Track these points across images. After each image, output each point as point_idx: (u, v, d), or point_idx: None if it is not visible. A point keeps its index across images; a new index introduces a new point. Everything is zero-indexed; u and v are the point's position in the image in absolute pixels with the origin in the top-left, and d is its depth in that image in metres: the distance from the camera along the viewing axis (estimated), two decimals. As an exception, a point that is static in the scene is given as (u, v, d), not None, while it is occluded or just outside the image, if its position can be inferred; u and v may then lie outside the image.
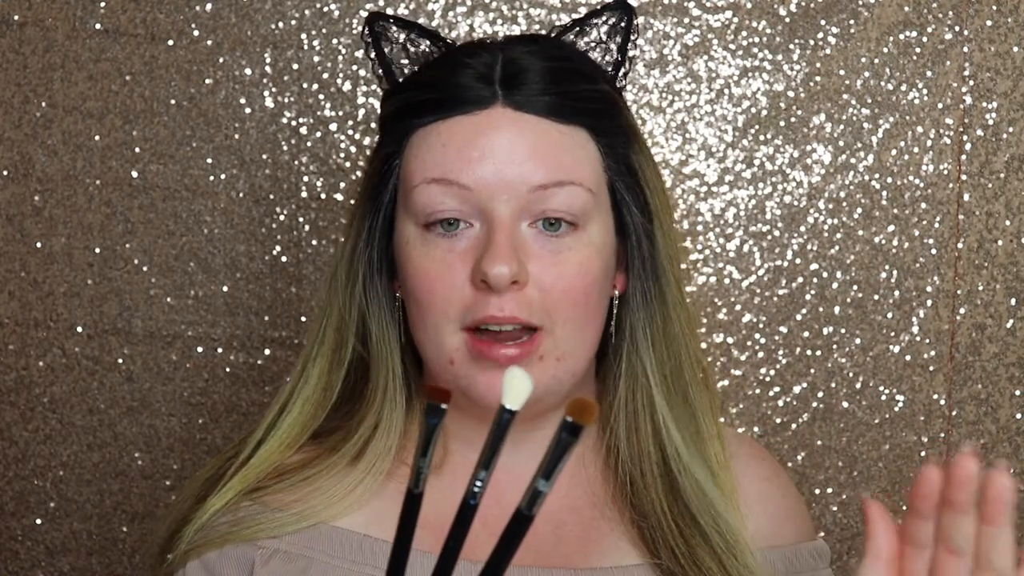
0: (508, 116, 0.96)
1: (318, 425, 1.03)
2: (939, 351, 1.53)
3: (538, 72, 0.97)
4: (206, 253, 1.52)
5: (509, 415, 0.61)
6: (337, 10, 1.51)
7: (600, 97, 1.01)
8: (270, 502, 0.99)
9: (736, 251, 1.53)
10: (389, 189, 1.00)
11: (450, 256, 0.95)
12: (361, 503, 0.99)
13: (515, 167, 0.94)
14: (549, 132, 0.96)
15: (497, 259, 0.92)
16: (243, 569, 0.96)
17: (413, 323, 0.99)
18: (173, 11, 1.51)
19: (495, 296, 0.92)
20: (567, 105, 0.97)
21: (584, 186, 0.96)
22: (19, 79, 1.51)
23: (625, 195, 1.00)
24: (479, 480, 0.61)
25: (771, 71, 1.52)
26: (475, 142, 0.95)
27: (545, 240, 0.95)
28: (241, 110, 1.51)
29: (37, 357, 1.53)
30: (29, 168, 1.52)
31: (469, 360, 0.95)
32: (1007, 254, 1.53)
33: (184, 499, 1.03)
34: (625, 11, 1.05)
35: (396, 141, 1.00)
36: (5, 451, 1.55)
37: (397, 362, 1.01)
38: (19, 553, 1.55)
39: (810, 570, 1.05)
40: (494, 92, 0.96)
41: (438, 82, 0.99)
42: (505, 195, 0.94)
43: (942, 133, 1.52)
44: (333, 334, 1.03)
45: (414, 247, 0.97)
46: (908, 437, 1.54)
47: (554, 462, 0.59)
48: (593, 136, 0.98)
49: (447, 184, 0.95)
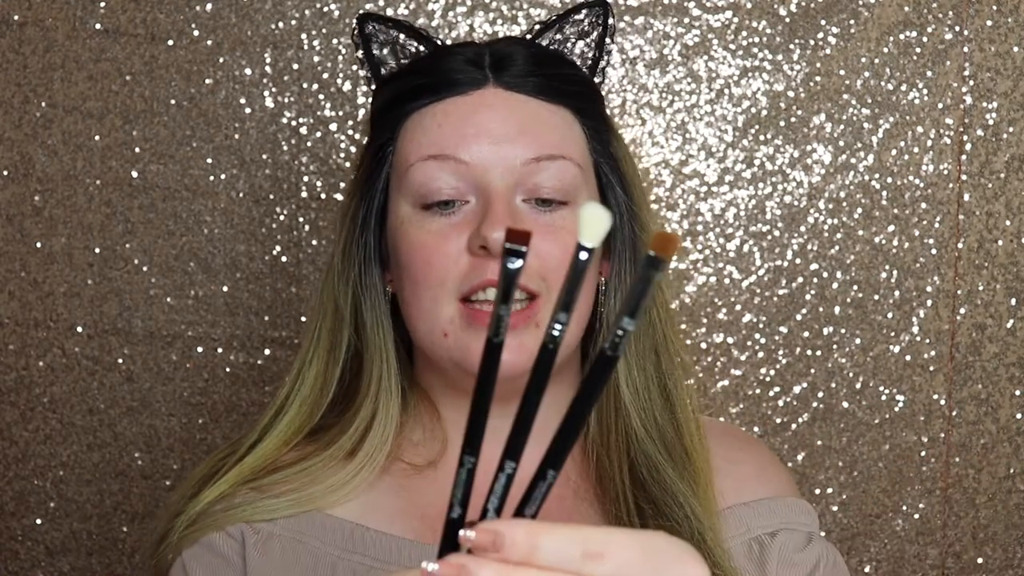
0: (500, 95, 0.99)
1: (314, 424, 1.03)
2: (939, 351, 1.53)
3: (524, 57, 1.01)
4: (206, 253, 1.52)
5: (587, 252, 0.58)
6: (337, 10, 1.51)
7: (583, 82, 1.05)
8: (266, 489, 0.99)
9: (736, 251, 1.53)
10: (382, 177, 1.02)
11: (446, 228, 0.97)
12: (356, 494, 1.00)
13: (509, 142, 0.98)
14: (539, 110, 1.00)
15: (496, 223, 0.94)
16: (237, 548, 0.97)
17: (407, 303, 1.00)
18: (173, 11, 1.51)
19: (493, 261, 0.94)
20: (553, 86, 1.01)
21: (574, 161, 0.99)
22: (19, 79, 1.51)
23: (610, 177, 1.03)
24: (559, 323, 0.59)
25: (771, 71, 1.52)
26: (470, 120, 0.98)
27: (539, 214, 0.98)
28: (241, 110, 1.51)
29: (37, 357, 1.53)
30: (29, 168, 1.52)
31: (463, 329, 0.96)
32: (1007, 254, 1.53)
33: (180, 496, 1.04)
34: (603, 8, 1.09)
35: (390, 128, 1.02)
36: (5, 451, 1.55)
37: (392, 352, 1.03)
38: (19, 553, 1.55)
39: (785, 524, 1.05)
40: (485, 75, 1.00)
41: (430, 68, 1.02)
42: (500, 169, 0.97)
43: (942, 133, 1.52)
44: (328, 335, 1.04)
45: (410, 224, 0.98)
46: (908, 437, 1.54)
47: (637, 298, 0.57)
48: (578, 117, 1.02)
49: (444, 159, 0.97)
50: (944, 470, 1.55)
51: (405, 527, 1.00)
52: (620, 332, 0.58)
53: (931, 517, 1.55)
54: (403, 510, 1.01)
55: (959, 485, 1.55)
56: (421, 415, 1.05)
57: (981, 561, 1.55)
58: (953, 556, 1.55)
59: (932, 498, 1.54)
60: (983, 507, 1.55)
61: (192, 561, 0.98)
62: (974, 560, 1.55)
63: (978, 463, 1.54)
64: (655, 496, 0.99)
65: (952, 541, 1.55)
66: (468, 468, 0.61)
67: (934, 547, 1.55)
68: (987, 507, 1.55)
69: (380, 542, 0.98)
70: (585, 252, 0.58)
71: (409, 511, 1.01)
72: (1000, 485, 1.55)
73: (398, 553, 0.98)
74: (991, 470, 1.55)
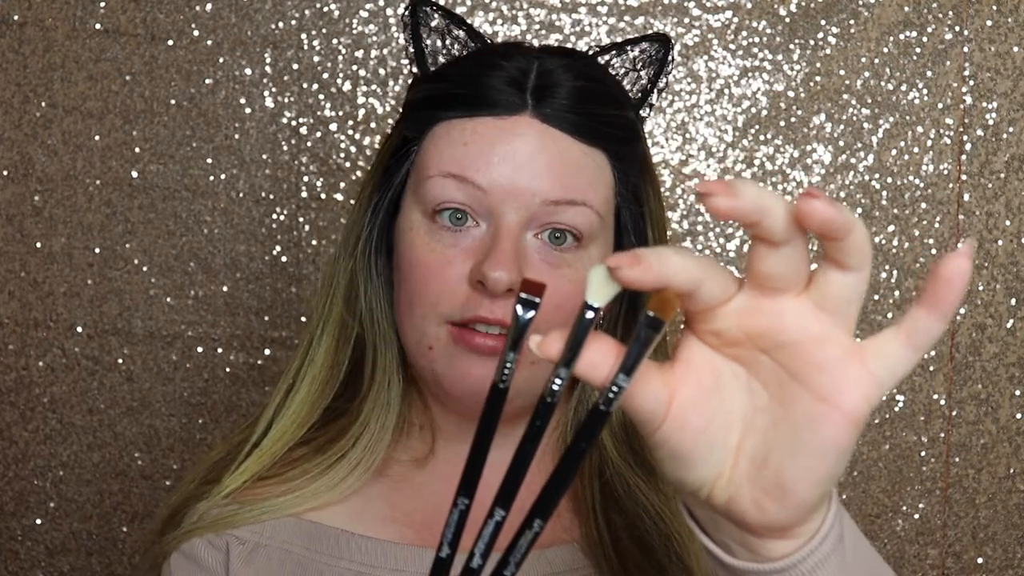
0: (535, 127, 0.95)
1: (327, 403, 1.03)
2: (939, 351, 1.53)
3: (569, 89, 0.97)
4: (206, 253, 1.52)
5: (593, 312, 0.58)
6: (337, 10, 1.51)
7: (625, 124, 1.01)
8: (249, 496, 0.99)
9: (736, 251, 1.53)
10: (402, 173, 1.01)
11: (451, 251, 0.95)
12: (343, 498, 1.00)
13: (531, 178, 0.94)
14: (571, 150, 0.96)
15: (499, 264, 0.92)
16: (221, 559, 0.97)
17: (400, 308, 0.99)
18: (173, 11, 1.51)
19: (488, 299, 0.93)
20: (593, 127, 0.97)
21: (594, 209, 0.96)
22: (19, 79, 1.51)
23: (628, 223, 1.00)
24: (559, 378, 0.59)
25: (771, 71, 1.52)
26: (497, 146, 0.95)
27: (547, 252, 0.95)
28: (241, 110, 1.51)
29: (37, 357, 1.53)
30: (29, 168, 1.52)
31: (448, 347, 0.95)
32: (1007, 254, 1.53)
33: (191, 480, 1.03)
34: (663, 44, 1.05)
35: (418, 128, 1.00)
36: (5, 451, 1.55)
37: (394, 339, 1.02)
38: (19, 553, 1.55)
39: None
40: (524, 100, 0.96)
41: (470, 79, 0.98)
42: (516, 203, 0.94)
43: (942, 133, 1.52)
44: (337, 311, 1.03)
45: (417, 234, 0.97)
46: (908, 437, 1.54)
47: (634, 357, 0.57)
48: (611, 161, 0.99)
49: (462, 181, 0.95)
50: (944, 470, 1.55)
51: (391, 531, 1.00)
52: (615, 389, 0.58)
53: (931, 517, 1.55)
54: (389, 514, 1.00)
55: (959, 485, 1.55)
56: (418, 407, 1.05)
57: (981, 561, 1.55)
58: (953, 556, 1.55)
59: (932, 498, 1.54)
60: (983, 507, 1.55)
61: (177, 570, 0.98)
62: (974, 560, 1.55)
63: (978, 463, 1.54)
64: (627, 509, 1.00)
65: (952, 541, 1.55)
66: (461, 509, 0.61)
67: (934, 547, 1.55)
68: (987, 507, 1.55)
69: (366, 547, 0.98)
70: (591, 311, 0.58)
71: (395, 515, 1.00)
72: (1000, 485, 1.55)
73: (384, 557, 0.98)
74: (991, 470, 1.55)
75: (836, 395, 0.58)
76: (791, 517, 0.61)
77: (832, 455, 0.59)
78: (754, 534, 0.62)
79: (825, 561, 0.62)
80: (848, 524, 0.65)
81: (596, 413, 0.59)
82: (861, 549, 0.66)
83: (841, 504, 0.65)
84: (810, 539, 0.62)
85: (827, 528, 0.62)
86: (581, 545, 1.00)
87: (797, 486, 0.59)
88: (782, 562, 0.62)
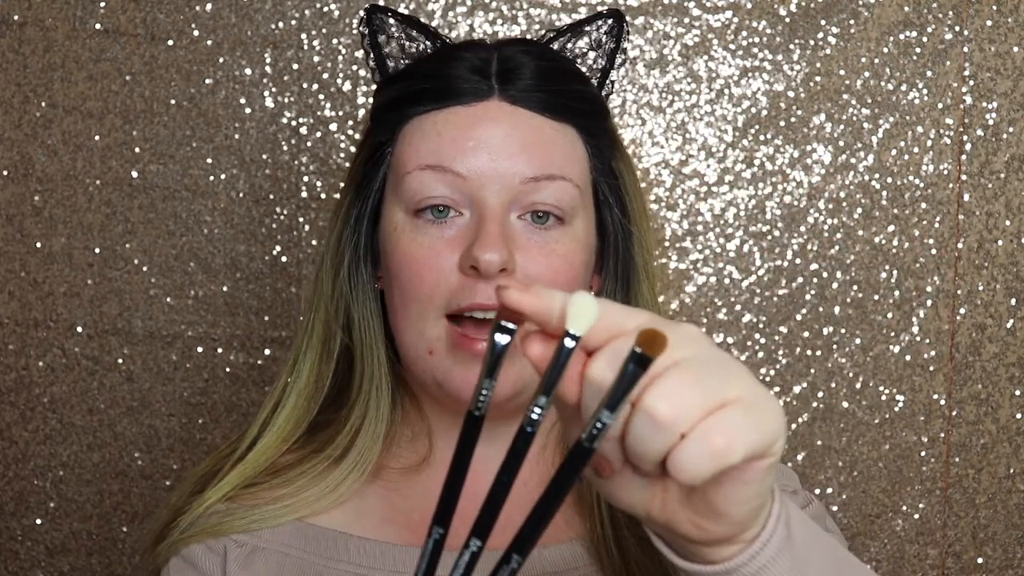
0: (504, 109, 0.97)
1: (311, 418, 1.03)
2: (939, 351, 1.53)
3: (532, 69, 0.99)
4: (206, 253, 1.52)
5: (574, 341, 0.58)
6: (337, 10, 1.51)
7: (590, 98, 1.03)
8: (250, 500, 0.99)
9: (736, 251, 1.53)
10: (378, 178, 1.01)
11: (439, 243, 0.96)
12: (340, 501, 1.00)
13: (508, 159, 0.96)
14: (542, 127, 0.98)
15: (488, 246, 0.93)
16: (218, 563, 0.97)
17: (394, 311, 0.99)
18: (173, 11, 1.50)
19: (483, 282, 0.93)
20: (560, 103, 0.99)
21: (573, 182, 0.98)
22: (19, 79, 1.51)
23: (608, 196, 1.02)
24: (538, 407, 0.59)
25: (771, 71, 1.52)
26: (470, 132, 0.96)
27: (533, 232, 0.97)
28: (241, 110, 1.51)
29: (37, 357, 1.53)
30: (29, 168, 1.52)
31: (448, 352, 0.95)
32: (1007, 254, 1.53)
33: (180, 494, 1.04)
34: (617, 20, 1.07)
35: (389, 130, 1.01)
36: (5, 451, 1.55)
37: (381, 350, 1.02)
38: (19, 553, 1.55)
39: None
40: (490, 85, 0.98)
41: (435, 73, 1.00)
42: (497, 185, 0.95)
43: (942, 133, 1.52)
44: (321, 327, 1.04)
45: (402, 232, 0.97)
46: (908, 437, 1.54)
47: (619, 393, 0.57)
48: (582, 136, 1.00)
49: (441, 171, 0.96)
50: (944, 470, 1.55)
51: (389, 532, 1.00)
52: (599, 425, 0.58)
53: (931, 517, 1.55)
54: (387, 515, 1.01)
55: (959, 485, 1.55)
56: (409, 415, 1.05)
57: (981, 561, 1.55)
58: (953, 556, 1.55)
59: (932, 498, 1.54)
60: (983, 507, 1.55)
61: (176, 574, 0.99)
62: (974, 560, 1.55)
63: (978, 463, 1.54)
64: None
65: (952, 541, 1.55)
66: (435, 539, 0.61)
67: (934, 547, 1.55)
68: (987, 507, 1.55)
69: (364, 548, 0.98)
70: (572, 340, 0.58)
71: (394, 516, 1.00)
72: (1000, 485, 1.55)
73: (382, 558, 0.98)
74: (991, 470, 1.55)
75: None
76: (729, 531, 0.65)
77: (755, 482, 0.63)
78: (698, 544, 0.66)
79: (772, 562, 0.66)
80: (796, 522, 0.68)
81: (579, 449, 0.59)
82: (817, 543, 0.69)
83: (787, 502, 0.68)
84: (751, 543, 0.66)
85: (768, 533, 0.66)
86: (583, 543, 1.00)
87: (729, 509, 0.63)
88: (723, 565, 0.66)
